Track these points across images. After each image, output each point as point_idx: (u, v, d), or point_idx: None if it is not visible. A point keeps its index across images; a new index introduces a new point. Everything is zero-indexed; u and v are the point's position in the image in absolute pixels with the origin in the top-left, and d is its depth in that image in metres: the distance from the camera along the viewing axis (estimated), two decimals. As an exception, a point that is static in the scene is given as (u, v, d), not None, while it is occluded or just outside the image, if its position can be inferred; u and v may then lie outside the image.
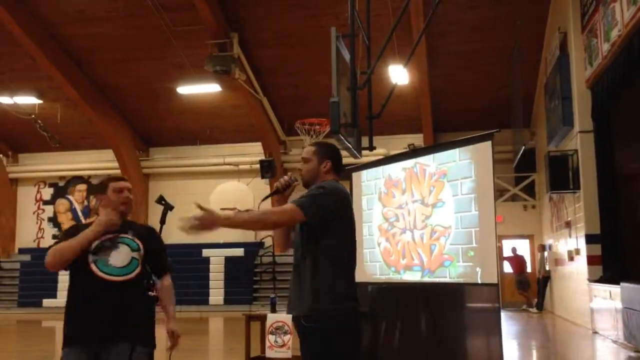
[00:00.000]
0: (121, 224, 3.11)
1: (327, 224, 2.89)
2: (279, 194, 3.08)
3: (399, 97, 13.20)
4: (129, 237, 3.10)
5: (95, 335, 2.90)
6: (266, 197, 3.13)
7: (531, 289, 15.86)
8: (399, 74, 10.49)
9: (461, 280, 5.33)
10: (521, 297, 15.82)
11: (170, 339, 3.21)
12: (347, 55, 5.89)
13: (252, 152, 17.39)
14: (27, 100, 16.61)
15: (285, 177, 3.09)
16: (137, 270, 3.03)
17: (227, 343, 11.01)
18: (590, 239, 10.77)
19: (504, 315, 11.54)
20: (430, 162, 5.71)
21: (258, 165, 16.60)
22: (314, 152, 3.07)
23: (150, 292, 3.06)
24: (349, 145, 5.59)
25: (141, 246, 3.10)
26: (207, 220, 2.67)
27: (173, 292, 3.27)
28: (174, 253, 18.12)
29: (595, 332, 10.20)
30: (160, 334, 3.13)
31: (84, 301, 2.97)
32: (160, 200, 3.40)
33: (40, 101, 16.71)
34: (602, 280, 10.06)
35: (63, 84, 15.44)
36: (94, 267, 2.96)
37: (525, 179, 16.33)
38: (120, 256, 3.01)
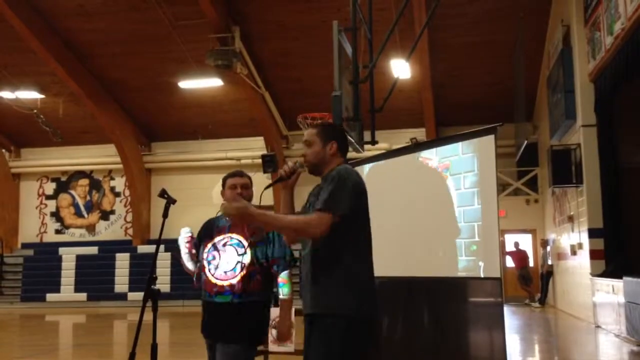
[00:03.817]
0: None
1: (350, 215, 2.68)
2: (282, 181, 2.89)
3: (401, 91, 13.18)
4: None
5: None
6: (269, 186, 2.86)
7: (533, 283, 15.86)
8: (401, 68, 10.45)
9: (464, 274, 5.32)
10: (524, 292, 15.82)
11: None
12: (349, 49, 5.88)
13: (254, 147, 17.37)
14: (29, 95, 16.61)
15: (290, 164, 2.88)
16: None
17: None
18: (592, 233, 10.75)
19: (506, 310, 11.52)
20: (433, 156, 5.69)
21: (260, 160, 16.56)
22: (317, 133, 2.83)
23: None
24: (351, 139, 5.58)
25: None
26: (241, 210, 2.58)
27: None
28: (175, 248, 18.12)
29: (597, 326, 10.20)
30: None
31: None
32: (162, 194, 3.39)
33: (42, 96, 16.71)
34: (605, 274, 10.05)
35: (65, 79, 15.43)
36: None
37: (527, 173, 16.29)
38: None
